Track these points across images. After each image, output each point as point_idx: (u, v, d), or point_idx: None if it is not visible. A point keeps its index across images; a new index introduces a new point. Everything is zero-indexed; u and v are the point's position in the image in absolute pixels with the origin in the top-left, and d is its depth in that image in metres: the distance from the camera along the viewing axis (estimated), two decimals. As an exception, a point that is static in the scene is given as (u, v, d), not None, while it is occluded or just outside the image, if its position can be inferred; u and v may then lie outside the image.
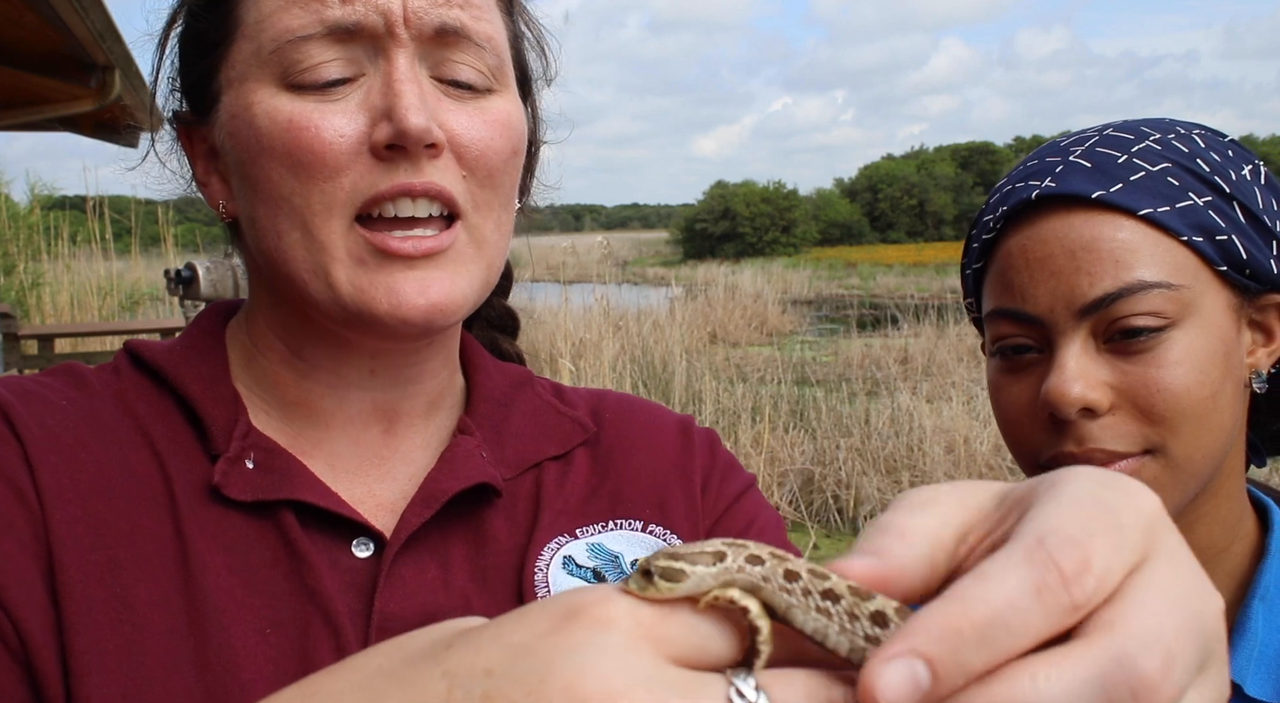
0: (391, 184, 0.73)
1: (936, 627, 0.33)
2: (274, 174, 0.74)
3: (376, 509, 0.80)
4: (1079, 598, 0.34)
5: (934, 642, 0.33)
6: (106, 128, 6.65)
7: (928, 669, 0.33)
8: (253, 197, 0.77)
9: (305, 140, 0.72)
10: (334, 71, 0.74)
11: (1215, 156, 0.93)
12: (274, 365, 0.83)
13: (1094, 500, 0.36)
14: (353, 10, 0.73)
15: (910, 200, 70.75)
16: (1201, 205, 0.89)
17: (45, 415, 0.73)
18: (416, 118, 0.72)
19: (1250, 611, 0.91)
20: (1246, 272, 0.90)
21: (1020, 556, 0.34)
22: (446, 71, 0.77)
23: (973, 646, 0.33)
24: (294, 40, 0.73)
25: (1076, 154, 0.93)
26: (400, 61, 0.74)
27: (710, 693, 0.35)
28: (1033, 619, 0.34)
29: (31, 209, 12.78)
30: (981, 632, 0.33)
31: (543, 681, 0.34)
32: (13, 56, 4.76)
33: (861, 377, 9.40)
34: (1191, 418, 0.87)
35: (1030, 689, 0.33)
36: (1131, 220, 0.89)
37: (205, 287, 6.11)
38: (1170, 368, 0.87)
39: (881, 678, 0.33)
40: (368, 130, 0.73)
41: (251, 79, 0.75)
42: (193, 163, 0.85)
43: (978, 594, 0.34)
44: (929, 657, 0.33)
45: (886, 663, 0.33)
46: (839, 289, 27.93)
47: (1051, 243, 0.90)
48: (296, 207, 0.74)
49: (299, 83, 0.74)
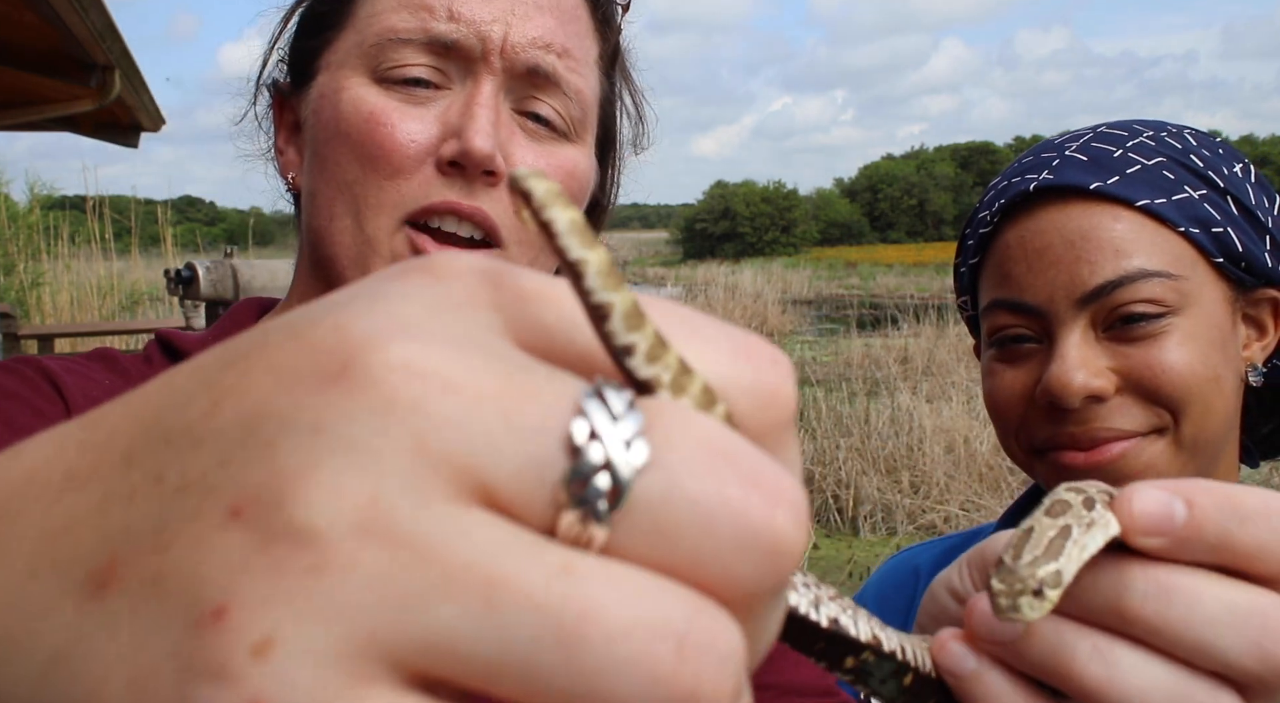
0: (443, 199, 0.75)
1: (1208, 486, 0.35)
2: (343, 158, 0.76)
3: None
4: None
5: (1204, 494, 0.35)
6: (106, 128, 6.66)
7: (1187, 513, 0.34)
8: (319, 174, 0.79)
9: (380, 135, 0.75)
10: (421, 73, 0.77)
11: (1207, 153, 0.94)
12: None
13: None
14: (456, 29, 0.76)
15: (910, 200, 70.78)
16: (1197, 198, 0.90)
17: (89, 389, 0.75)
18: (483, 142, 0.74)
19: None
20: (1242, 264, 0.91)
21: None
22: (529, 106, 0.80)
23: (1237, 519, 0.34)
24: (394, 40, 0.76)
25: (1072, 149, 0.94)
26: (485, 87, 0.77)
27: (555, 382, 0.22)
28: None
29: (31, 209, 12.79)
30: (1250, 513, 0.34)
31: (315, 323, 0.22)
32: (13, 56, 4.76)
33: (861, 377, 9.41)
34: (1197, 398, 0.87)
35: None
36: (1129, 211, 0.89)
37: (205, 287, 6.11)
38: (1173, 351, 0.87)
39: (1141, 493, 0.35)
40: (437, 142, 0.76)
41: (348, 67, 0.78)
42: (277, 130, 0.88)
43: (1252, 492, 0.35)
44: (1191, 502, 0.34)
45: (1154, 488, 0.35)
46: (839, 289, 27.95)
47: (1050, 233, 0.91)
48: (356, 195, 0.76)
49: (387, 77, 0.76)
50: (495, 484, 0.21)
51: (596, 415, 0.21)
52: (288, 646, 0.19)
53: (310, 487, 0.20)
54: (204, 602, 0.19)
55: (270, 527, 0.19)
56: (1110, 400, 0.89)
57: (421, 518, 0.20)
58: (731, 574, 0.21)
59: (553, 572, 0.20)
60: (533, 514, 0.21)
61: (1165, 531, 0.35)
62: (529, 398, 0.21)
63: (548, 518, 0.21)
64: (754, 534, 0.21)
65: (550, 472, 0.21)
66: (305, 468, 0.20)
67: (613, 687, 0.19)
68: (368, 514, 0.19)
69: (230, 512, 0.20)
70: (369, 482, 0.20)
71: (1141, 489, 0.35)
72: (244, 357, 0.22)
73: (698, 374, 0.23)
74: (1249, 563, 0.35)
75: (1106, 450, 0.88)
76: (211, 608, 0.19)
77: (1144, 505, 0.35)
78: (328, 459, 0.20)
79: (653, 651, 0.19)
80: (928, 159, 76.76)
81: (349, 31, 0.79)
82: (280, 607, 0.19)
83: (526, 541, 0.20)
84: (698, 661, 0.20)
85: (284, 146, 0.87)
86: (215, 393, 0.22)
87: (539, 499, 0.21)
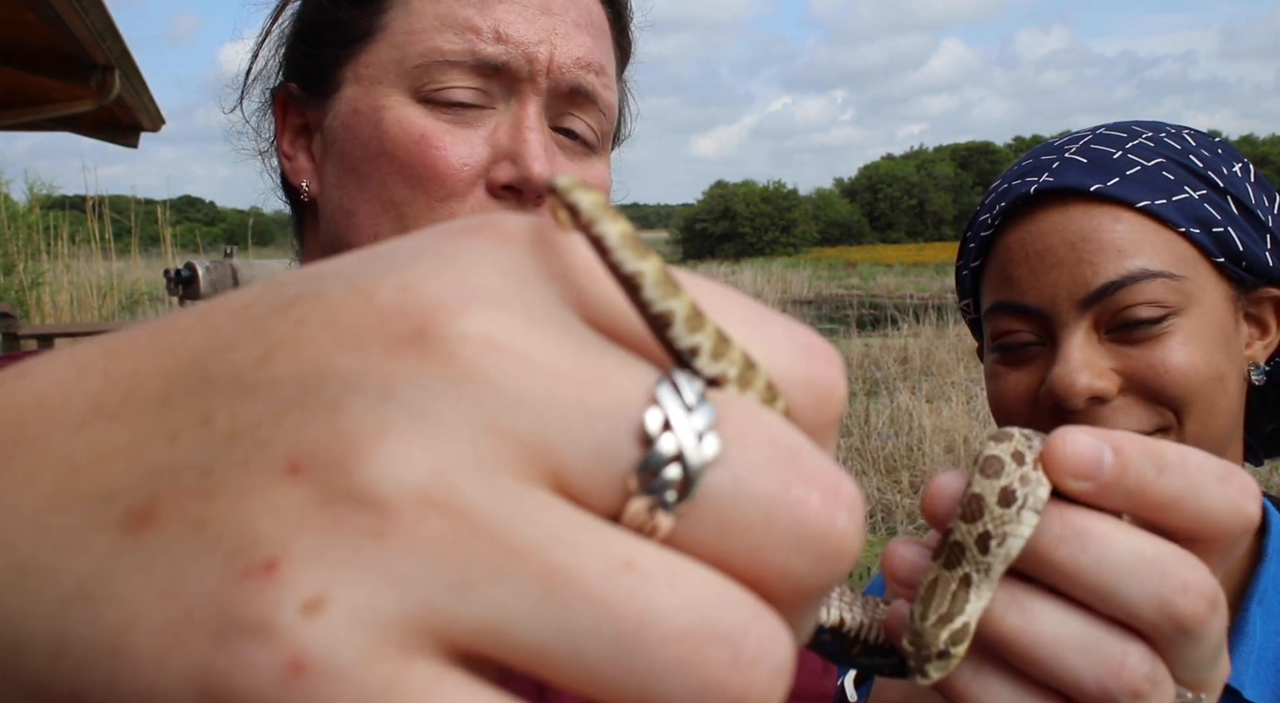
0: None
1: (1135, 438, 0.36)
2: (389, 178, 0.76)
3: None
4: (1251, 517, 0.37)
5: (1129, 443, 0.36)
6: (106, 128, 6.66)
7: (1114, 459, 0.35)
8: (358, 192, 0.78)
9: (432, 158, 0.75)
10: (467, 96, 0.76)
11: (1206, 153, 0.94)
12: None
13: None
14: (504, 51, 0.76)
15: (910, 200, 70.78)
16: (1197, 198, 0.90)
17: None
18: (541, 168, 0.75)
19: (1248, 614, 0.91)
20: (1243, 264, 0.91)
21: (1216, 463, 0.37)
22: (564, 122, 0.80)
23: (1156, 469, 0.35)
24: (441, 62, 0.76)
25: (1072, 151, 0.94)
26: (530, 107, 0.77)
27: (628, 368, 0.22)
28: (1208, 498, 0.36)
29: (31, 208, 12.78)
30: (1169, 465, 0.35)
31: (380, 279, 0.21)
32: (13, 56, 4.76)
33: (861, 377, 9.41)
34: (1202, 397, 0.87)
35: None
36: (1130, 212, 0.89)
37: (205, 286, 6.11)
38: (1176, 351, 0.87)
39: (1074, 436, 0.35)
40: (488, 164, 0.76)
41: (386, 83, 0.77)
42: (280, 132, 0.87)
43: (1173, 448, 0.36)
44: (1119, 450, 0.35)
45: (1084, 433, 0.36)
46: (839, 289, 27.94)
47: (1051, 235, 0.91)
48: (404, 215, 0.76)
49: (432, 98, 0.76)
50: (565, 467, 0.20)
51: (670, 405, 0.21)
52: (338, 607, 0.18)
53: (377, 452, 0.19)
54: (254, 553, 0.19)
55: (332, 487, 0.19)
56: (1114, 401, 0.89)
57: (488, 496, 0.19)
58: (787, 571, 0.21)
59: (616, 566, 0.19)
60: (599, 499, 0.21)
61: (1093, 475, 0.35)
62: (603, 382, 0.21)
63: (614, 503, 0.21)
64: (814, 533, 0.21)
65: (621, 458, 0.20)
66: (373, 433, 0.19)
67: (661, 687, 0.19)
68: (435, 485, 0.19)
69: (288, 466, 0.19)
70: (438, 453, 0.19)
71: (1073, 433, 0.36)
72: (295, 304, 0.21)
73: (761, 369, 0.23)
74: (1162, 513, 0.36)
75: None
76: (262, 560, 0.18)
77: (1077, 449, 0.35)
78: (397, 427, 0.19)
79: (707, 657, 0.19)
80: (928, 159, 76.75)
81: (383, 45, 0.78)
82: (335, 568, 0.18)
83: (592, 529, 0.20)
84: (750, 670, 0.20)
85: (290, 151, 0.86)
86: (267, 340, 0.21)
87: (607, 485, 0.20)
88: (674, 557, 0.20)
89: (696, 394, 0.21)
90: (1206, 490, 0.36)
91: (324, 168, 0.82)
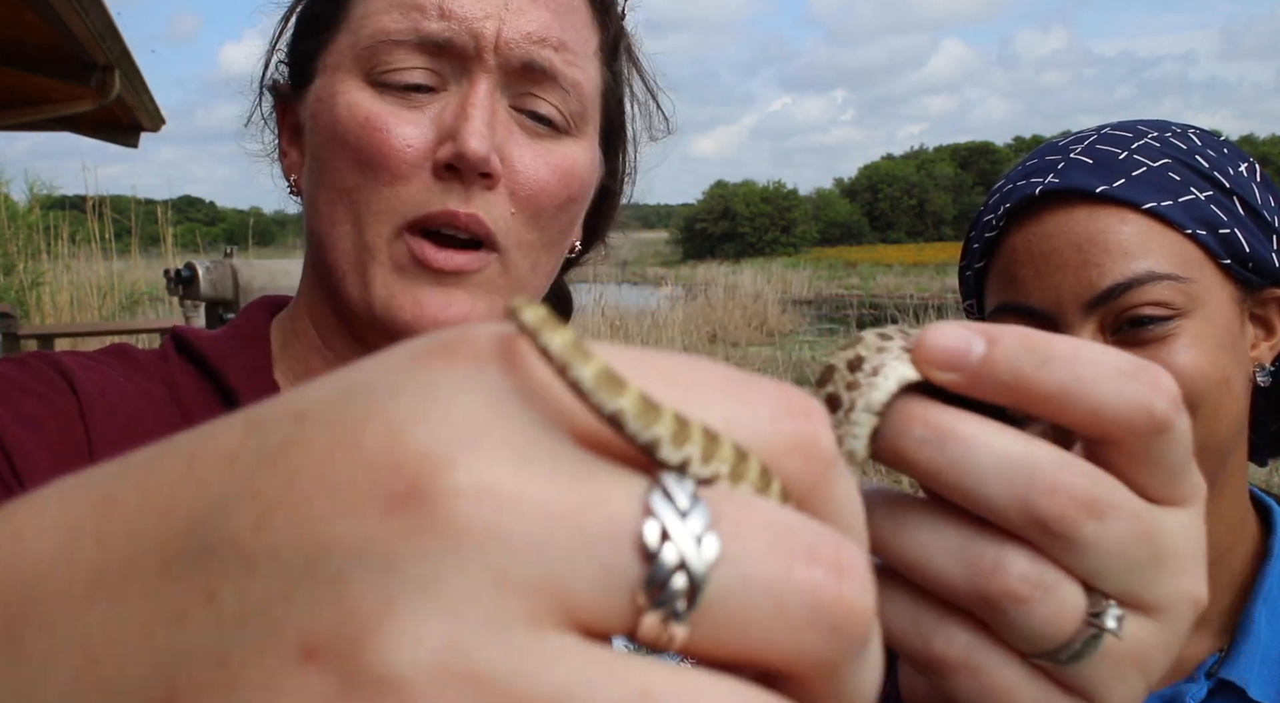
0: (441, 208, 0.74)
1: (1013, 329, 0.33)
2: (340, 164, 0.76)
3: None
4: (1159, 412, 0.32)
5: (1004, 333, 0.33)
6: (106, 128, 6.66)
7: (984, 347, 0.33)
8: (318, 180, 0.79)
9: (375, 141, 0.74)
10: (417, 77, 0.75)
11: (1212, 153, 0.93)
12: (306, 352, 0.84)
13: None
14: (448, 27, 0.75)
15: (910, 200, 70.81)
16: (1203, 199, 0.90)
17: (106, 387, 0.75)
18: (478, 144, 0.73)
19: (1254, 613, 0.91)
20: (1249, 265, 0.90)
21: (1124, 354, 0.33)
22: (527, 103, 0.78)
23: (1035, 360, 0.32)
24: (386, 42, 0.75)
25: (1077, 151, 0.94)
26: (480, 86, 0.75)
27: (619, 485, 0.22)
28: (1101, 393, 0.32)
29: (31, 208, 12.79)
30: (1051, 356, 0.32)
31: (362, 424, 0.21)
32: (13, 56, 4.76)
33: (861, 377, 9.37)
34: (1208, 401, 0.87)
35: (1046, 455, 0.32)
36: (1136, 214, 0.89)
37: (205, 287, 6.10)
38: (1182, 353, 0.87)
39: (943, 327, 0.33)
40: (433, 145, 0.75)
41: (343, 69, 0.77)
42: (280, 132, 0.88)
43: (1066, 340, 0.33)
44: (992, 340, 0.33)
45: (955, 325, 0.33)
46: (839, 289, 27.96)
47: (1056, 237, 0.91)
48: (355, 202, 0.76)
49: (383, 81, 0.76)
50: (574, 601, 0.20)
51: (665, 514, 0.21)
52: None
53: (389, 630, 0.19)
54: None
55: (350, 672, 0.19)
56: None
57: (502, 655, 0.19)
58: (806, 650, 0.22)
59: (632, 699, 0.19)
60: (613, 620, 0.20)
61: (960, 365, 0.33)
62: (598, 504, 0.21)
63: (628, 621, 0.21)
64: (823, 609, 0.22)
65: (627, 577, 0.20)
66: (382, 609, 0.19)
67: None
68: (450, 657, 0.19)
69: (303, 652, 0.19)
70: (449, 623, 0.19)
71: (943, 325, 0.34)
72: (282, 455, 0.21)
73: (752, 457, 0.23)
74: (1048, 408, 0.33)
75: None
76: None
77: (941, 339, 0.33)
78: (404, 600, 0.19)
79: None
80: (928, 159, 76.78)
81: (344, 33, 0.78)
82: None
83: (606, 665, 0.20)
84: None
85: (287, 148, 0.86)
86: (260, 503, 0.20)
87: (618, 606, 0.20)
88: (688, 676, 0.20)
89: (689, 497, 0.21)
90: (1100, 385, 0.32)
91: (306, 161, 0.83)
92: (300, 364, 0.84)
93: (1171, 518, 0.34)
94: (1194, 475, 0.35)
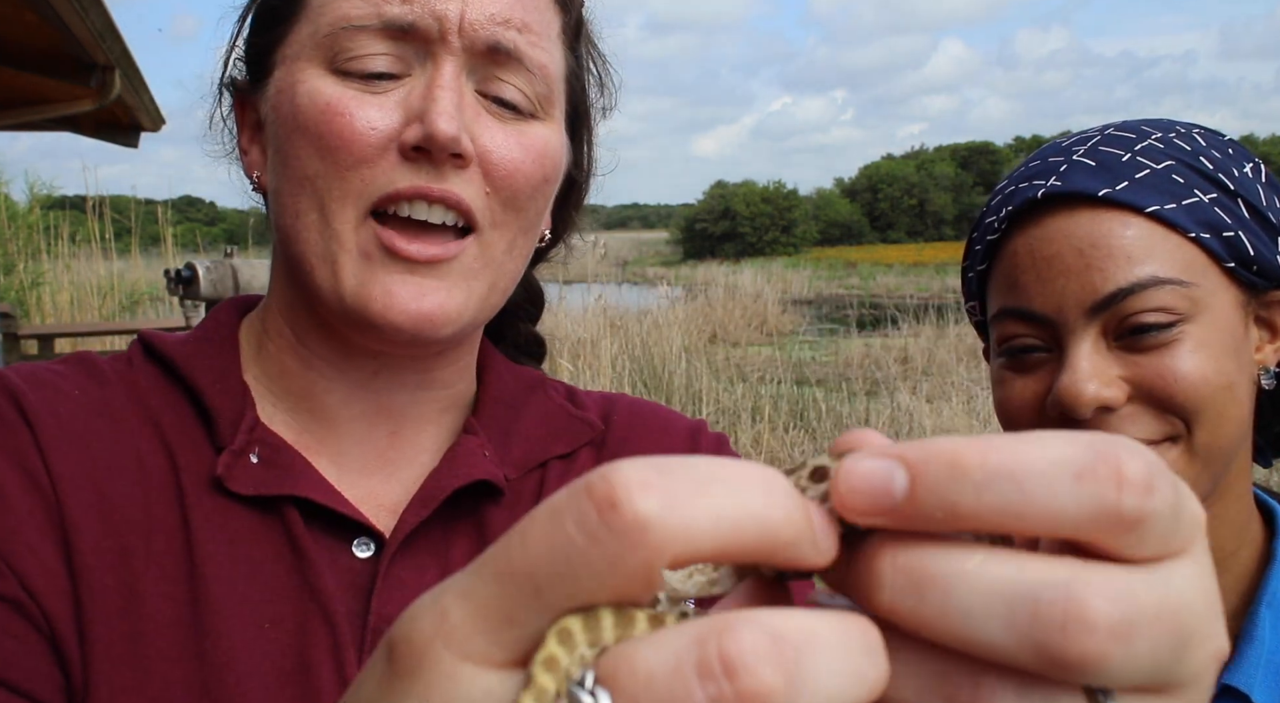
0: (410, 184, 0.73)
1: (940, 450, 0.28)
2: (303, 153, 0.74)
3: (378, 510, 0.80)
4: (1129, 508, 0.27)
5: (929, 459, 0.28)
6: (106, 128, 6.65)
7: (907, 480, 0.28)
8: (281, 171, 0.77)
9: (337, 126, 0.73)
10: (380, 64, 0.74)
11: (1217, 154, 0.92)
12: (280, 351, 0.82)
13: None
14: (410, 10, 0.74)
15: (910, 200, 70.74)
16: (1207, 202, 0.89)
17: (57, 404, 0.74)
18: (447, 125, 0.72)
19: (1258, 617, 0.90)
20: (1254, 268, 0.90)
21: (1073, 438, 0.28)
22: (492, 88, 0.77)
23: (970, 486, 0.27)
24: (348, 28, 0.74)
25: (1080, 153, 0.93)
26: (446, 68, 0.74)
27: None
28: (1056, 507, 0.27)
29: (31, 208, 12.77)
30: (988, 476, 0.27)
31: None
32: (13, 56, 4.75)
33: (861, 377, 9.40)
34: (1211, 406, 0.86)
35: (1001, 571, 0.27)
36: (1139, 218, 0.88)
37: (205, 287, 6.10)
38: (1185, 358, 0.86)
39: (857, 466, 0.28)
40: (400, 128, 0.73)
41: (303, 59, 0.76)
42: (239, 130, 0.86)
43: (1001, 441, 0.28)
44: (915, 471, 0.28)
45: (869, 457, 0.28)
46: (839, 289, 27.92)
47: (1059, 241, 0.90)
48: (318, 189, 0.74)
49: (345, 69, 0.74)
50: None
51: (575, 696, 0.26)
52: None
53: None
54: None
55: None
56: (1122, 410, 0.88)
57: None
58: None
59: None
60: None
61: (884, 507, 0.28)
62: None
63: None
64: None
65: None
66: None
67: None
68: None
69: None
70: None
71: (858, 458, 0.28)
72: None
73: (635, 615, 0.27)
74: (999, 529, 0.28)
75: None
76: None
77: (857, 480, 0.28)
78: None
79: None
80: (928, 159, 76.69)
81: (303, 23, 0.77)
82: None
83: None
84: None
85: (247, 146, 0.85)
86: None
87: None
88: None
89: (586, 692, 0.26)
90: (1054, 497, 0.27)
91: (268, 156, 0.81)
92: (274, 364, 0.82)
93: (1181, 577, 0.28)
94: (1188, 515, 0.29)
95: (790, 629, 0.25)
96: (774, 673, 0.24)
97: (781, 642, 0.25)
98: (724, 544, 0.27)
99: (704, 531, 0.26)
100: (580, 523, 0.26)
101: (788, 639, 0.25)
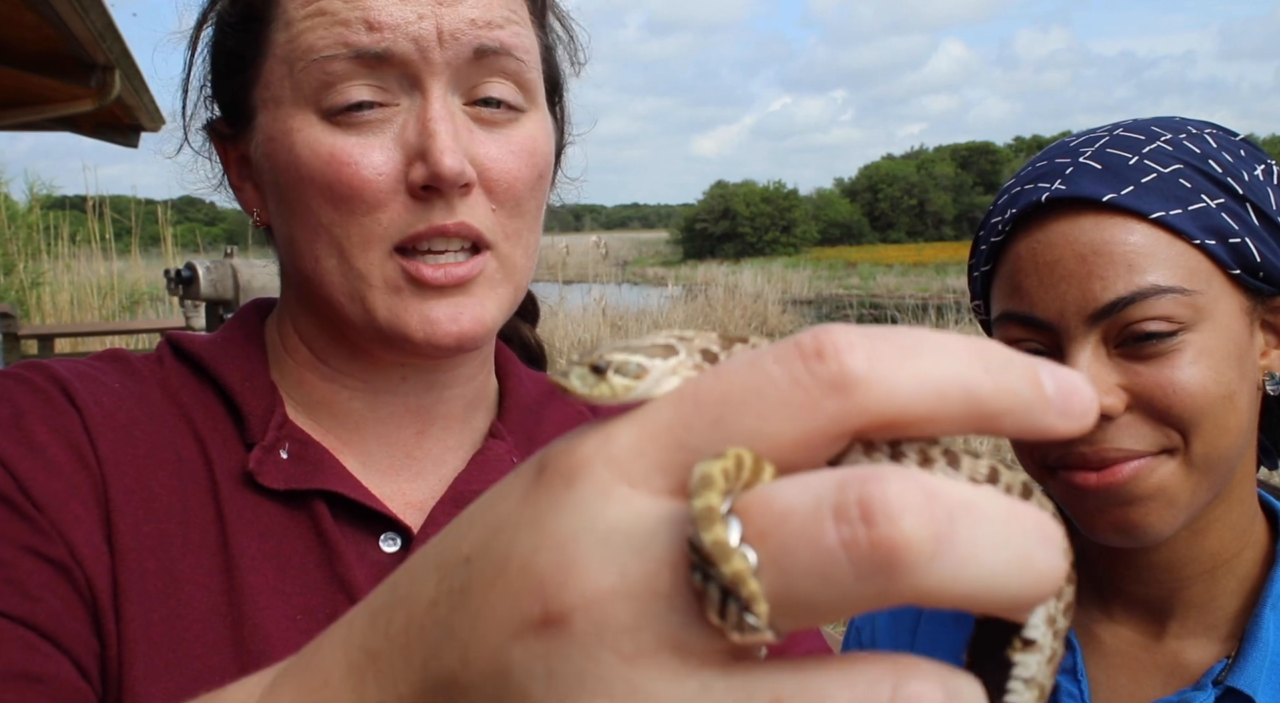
0: (428, 225, 0.75)
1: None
2: (313, 203, 0.75)
3: (406, 507, 0.82)
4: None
5: None
6: (106, 128, 6.64)
7: None
8: (291, 219, 0.78)
9: (345, 176, 0.74)
10: (364, 93, 0.74)
11: (1227, 157, 0.91)
12: (300, 367, 0.84)
13: None
14: (381, 38, 0.73)
15: (910, 200, 70.71)
16: (1214, 208, 0.88)
17: (100, 394, 0.75)
18: (451, 161, 0.73)
19: (1261, 619, 0.90)
20: (1260, 274, 0.89)
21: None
22: (479, 92, 0.77)
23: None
24: (318, 60, 0.74)
25: (1086, 155, 0.92)
26: (434, 95, 0.74)
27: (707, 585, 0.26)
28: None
29: (31, 208, 12.77)
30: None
31: (505, 563, 0.28)
32: (13, 56, 4.75)
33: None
34: (1210, 418, 0.85)
35: None
36: (1143, 224, 0.87)
37: (205, 287, 6.09)
38: (1185, 369, 0.85)
39: None
40: (404, 167, 0.74)
41: (288, 103, 0.76)
42: (226, 168, 0.87)
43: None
44: None
45: None
46: (839, 289, 27.92)
47: (1061, 246, 0.89)
48: (336, 236, 0.76)
49: (331, 107, 0.74)
50: (678, 642, 0.26)
51: None
52: None
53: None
54: None
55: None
56: (1120, 418, 0.87)
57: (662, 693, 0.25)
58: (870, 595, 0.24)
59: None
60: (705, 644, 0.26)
61: None
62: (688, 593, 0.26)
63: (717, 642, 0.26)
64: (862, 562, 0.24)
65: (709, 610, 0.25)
66: None
67: None
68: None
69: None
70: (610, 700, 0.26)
71: None
72: (463, 600, 0.29)
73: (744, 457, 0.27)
74: None
75: (1118, 472, 0.86)
76: None
77: None
78: (572, 697, 0.26)
79: None
80: (928, 159, 76.64)
81: (272, 62, 0.77)
82: None
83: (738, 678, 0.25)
84: None
85: (239, 183, 0.86)
86: (459, 644, 0.29)
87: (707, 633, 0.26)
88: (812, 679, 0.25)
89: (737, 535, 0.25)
90: None
91: (266, 197, 0.82)
92: (294, 376, 0.84)
93: None
94: None
95: (950, 492, 0.24)
96: (918, 527, 0.23)
97: (936, 500, 0.24)
98: (930, 410, 0.27)
99: (908, 391, 0.26)
100: (784, 364, 0.27)
101: (943, 499, 0.24)
